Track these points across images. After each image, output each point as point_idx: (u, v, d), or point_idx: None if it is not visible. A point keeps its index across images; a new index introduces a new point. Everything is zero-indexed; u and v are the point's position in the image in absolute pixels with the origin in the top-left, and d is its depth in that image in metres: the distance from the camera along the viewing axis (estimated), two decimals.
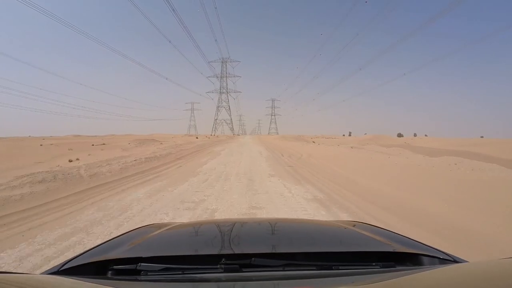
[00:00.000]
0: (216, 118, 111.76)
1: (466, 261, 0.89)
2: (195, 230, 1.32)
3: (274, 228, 1.33)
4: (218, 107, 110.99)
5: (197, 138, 55.39)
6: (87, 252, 0.97)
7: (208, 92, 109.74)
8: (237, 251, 0.93)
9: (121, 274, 0.83)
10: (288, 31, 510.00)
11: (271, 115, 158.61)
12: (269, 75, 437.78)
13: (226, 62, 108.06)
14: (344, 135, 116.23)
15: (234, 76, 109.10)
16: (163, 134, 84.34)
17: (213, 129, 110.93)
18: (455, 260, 0.90)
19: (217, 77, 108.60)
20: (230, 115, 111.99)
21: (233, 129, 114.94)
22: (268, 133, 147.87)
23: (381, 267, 0.84)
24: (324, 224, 1.52)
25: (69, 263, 0.87)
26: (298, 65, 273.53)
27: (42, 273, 0.83)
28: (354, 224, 1.43)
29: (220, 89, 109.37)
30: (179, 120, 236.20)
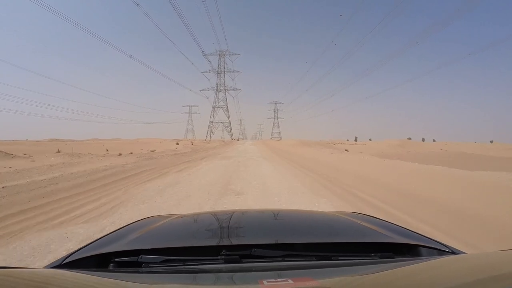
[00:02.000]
0: (212, 120, 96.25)
1: (464, 253, 0.90)
2: (196, 221, 1.33)
3: (274, 218, 1.37)
4: (214, 107, 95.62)
5: (177, 144, 40.26)
6: (89, 246, 0.97)
7: (202, 90, 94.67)
8: (237, 242, 0.93)
9: (122, 266, 0.84)
10: (292, 30, 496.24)
11: (274, 118, 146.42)
12: (270, 77, 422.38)
13: (224, 54, 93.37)
14: (348, 140, 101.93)
15: (233, 71, 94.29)
16: (150, 138, 72.15)
17: (208, 132, 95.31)
18: (453, 252, 0.91)
19: (213, 72, 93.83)
20: (228, 117, 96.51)
21: (231, 133, 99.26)
22: (271, 138, 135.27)
23: (380, 258, 0.85)
24: (324, 215, 1.50)
25: (70, 256, 0.87)
26: (308, 60, 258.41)
27: (45, 267, 0.84)
28: (354, 215, 1.44)
29: (217, 86, 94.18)
30: (176, 124, 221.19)
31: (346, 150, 33.22)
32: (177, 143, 41.10)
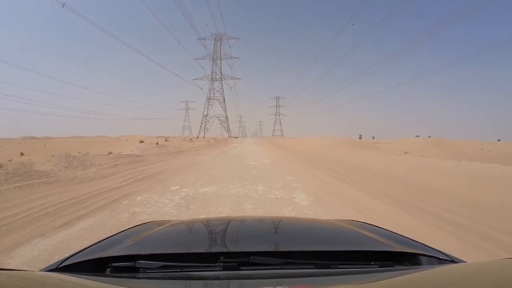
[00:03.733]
0: (206, 113, 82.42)
1: (464, 261, 0.90)
2: (194, 228, 1.31)
3: (273, 226, 1.34)
4: (209, 98, 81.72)
5: (141, 142, 27.42)
6: (86, 250, 0.97)
7: (195, 79, 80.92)
8: (235, 249, 0.93)
9: (119, 271, 0.83)
10: (297, 18, 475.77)
11: (276, 114, 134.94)
12: (270, 72, 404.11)
13: (220, 38, 79.80)
14: (350, 137, 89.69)
15: (231, 58, 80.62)
16: (133, 135, 60.41)
17: (202, 128, 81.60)
18: (453, 260, 0.90)
19: (208, 58, 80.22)
20: (225, 110, 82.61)
21: (229, 129, 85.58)
22: (272, 135, 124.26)
23: (379, 267, 0.84)
24: (323, 223, 1.49)
25: (68, 260, 0.87)
26: (317, 45, 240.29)
27: (41, 270, 0.83)
28: (353, 223, 1.41)
29: (212, 74, 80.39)
30: (173, 120, 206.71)
31: (406, 153, 21.64)
32: (141, 141, 28.04)
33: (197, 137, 69.29)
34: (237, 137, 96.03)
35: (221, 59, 79.91)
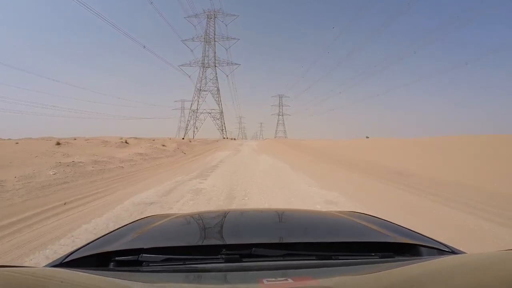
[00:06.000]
0: (196, 108, 65.84)
1: (465, 252, 0.90)
2: (196, 220, 1.32)
3: (274, 218, 1.35)
4: (199, 89, 65.16)
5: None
6: (89, 244, 0.97)
7: (183, 65, 64.67)
8: (237, 242, 0.94)
9: (123, 265, 0.84)
10: (299, 13, 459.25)
11: (279, 114, 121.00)
12: (271, 69, 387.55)
13: (215, 15, 63.88)
14: (351, 138, 74.77)
15: (227, 39, 64.59)
16: (111, 136, 45.22)
17: (190, 126, 65.20)
18: (453, 251, 0.91)
19: (199, 40, 64.05)
20: (219, 103, 66.20)
21: (224, 128, 68.86)
22: (275, 137, 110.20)
23: (380, 258, 0.85)
24: (324, 214, 1.50)
25: (71, 255, 0.88)
26: (334, 26, 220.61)
27: (45, 266, 0.84)
28: (355, 214, 1.41)
29: (203, 59, 64.19)
30: (170, 120, 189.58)
31: None
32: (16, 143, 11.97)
33: (183, 138, 53.15)
34: (235, 139, 79.48)
35: (215, 41, 63.92)
